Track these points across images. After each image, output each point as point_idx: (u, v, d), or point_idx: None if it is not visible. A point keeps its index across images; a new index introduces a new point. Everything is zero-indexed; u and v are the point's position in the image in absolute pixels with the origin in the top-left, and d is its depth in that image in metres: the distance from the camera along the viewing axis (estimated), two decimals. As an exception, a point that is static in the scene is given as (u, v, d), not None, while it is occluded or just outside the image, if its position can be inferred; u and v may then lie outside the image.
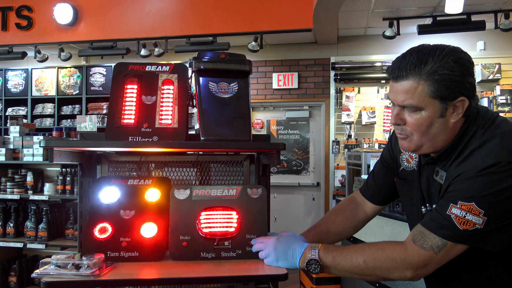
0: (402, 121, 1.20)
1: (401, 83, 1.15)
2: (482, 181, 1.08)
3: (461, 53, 1.14)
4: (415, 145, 1.20)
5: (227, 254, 1.48)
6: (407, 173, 1.37)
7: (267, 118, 6.13)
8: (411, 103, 1.14)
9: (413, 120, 1.17)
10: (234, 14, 5.11)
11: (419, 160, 1.32)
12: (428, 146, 1.20)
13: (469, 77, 1.14)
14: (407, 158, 1.37)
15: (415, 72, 1.13)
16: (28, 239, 3.95)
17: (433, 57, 1.12)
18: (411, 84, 1.14)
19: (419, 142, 1.19)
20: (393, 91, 1.18)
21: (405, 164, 1.38)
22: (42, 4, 5.63)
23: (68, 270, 1.28)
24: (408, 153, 1.36)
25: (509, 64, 5.34)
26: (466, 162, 1.14)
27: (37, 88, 6.58)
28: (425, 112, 1.15)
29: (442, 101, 1.13)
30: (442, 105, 1.14)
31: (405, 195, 1.41)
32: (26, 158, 4.09)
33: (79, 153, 1.65)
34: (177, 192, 1.53)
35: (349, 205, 1.61)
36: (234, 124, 1.54)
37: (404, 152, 1.38)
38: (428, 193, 1.27)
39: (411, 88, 1.14)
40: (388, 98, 1.24)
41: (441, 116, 1.16)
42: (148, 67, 1.62)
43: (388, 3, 4.64)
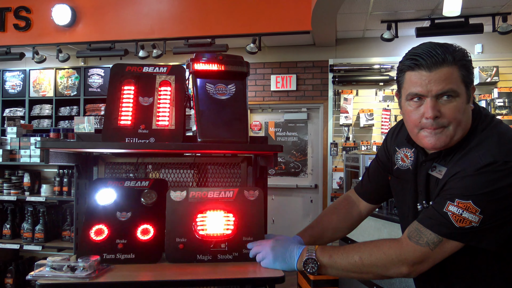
0: (439, 112, 1.15)
1: (438, 71, 1.13)
2: (480, 180, 1.09)
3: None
4: (450, 137, 1.16)
5: (224, 256, 1.47)
6: (401, 171, 1.37)
7: (265, 120, 6.13)
8: (452, 88, 1.13)
9: (451, 107, 1.14)
10: (232, 16, 5.11)
11: (415, 159, 1.32)
12: (458, 137, 1.17)
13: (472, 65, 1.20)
14: (402, 157, 1.36)
15: (450, 58, 1.13)
16: (25, 240, 3.93)
17: (454, 47, 1.16)
18: (448, 70, 1.13)
19: (453, 132, 1.16)
20: (426, 82, 1.14)
21: (400, 163, 1.37)
22: (40, 5, 5.62)
23: (64, 272, 1.27)
24: (403, 152, 1.36)
25: (506, 67, 5.36)
26: (464, 159, 1.15)
27: (35, 89, 6.56)
28: (459, 98, 1.14)
29: (466, 87, 1.16)
30: (467, 90, 1.16)
31: (398, 193, 1.41)
32: (23, 159, 4.08)
33: (75, 154, 1.64)
34: (173, 194, 1.52)
35: (344, 204, 1.61)
36: (232, 125, 1.54)
37: (400, 151, 1.38)
38: (426, 190, 1.26)
39: (449, 74, 1.13)
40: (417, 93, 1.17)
41: (467, 102, 1.17)
42: (145, 68, 1.61)
43: (386, 5, 4.65)
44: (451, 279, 1.24)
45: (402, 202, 1.38)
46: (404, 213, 1.37)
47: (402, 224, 1.43)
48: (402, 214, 1.41)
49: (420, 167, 1.29)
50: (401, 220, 1.45)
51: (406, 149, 1.36)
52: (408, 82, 1.19)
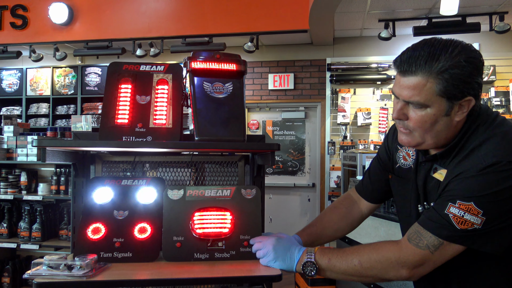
0: (404, 116, 1.16)
1: (409, 78, 1.11)
2: (482, 181, 1.06)
3: (473, 52, 1.11)
4: (416, 142, 1.18)
5: (221, 255, 1.47)
6: (403, 170, 1.35)
7: (263, 119, 6.13)
8: (418, 100, 1.11)
9: (417, 116, 1.13)
10: (230, 15, 5.10)
11: (416, 158, 1.30)
12: (430, 143, 1.18)
13: (478, 77, 1.11)
14: (404, 156, 1.35)
15: (425, 69, 1.09)
16: (22, 239, 3.92)
17: (445, 54, 1.08)
18: (419, 81, 1.10)
19: (421, 139, 1.17)
20: (399, 85, 1.15)
21: (402, 161, 1.35)
22: (37, 3, 5.60)
23: (61, 271, 1.27)
24: (405, 151, 1.35)
25: (503, 66, 5.37)
26: (467, 160, 1.12)
27: (32, 87, 6.54)
28: (431, 109, 1.12)
29: (449, 100, 1.11)
30: (448, 103, 1.11)
31: (399, 192, 1.40)
32: (20, 158, 4.07)
33: (72, 153, 1.64)
34: (170, 193, 1.52)
35: (345, 203, 1.59)
36: (229, 124, 1.54)
37: (401, 149, 1.36)
38: (425, 190, 1.25)
39: (419, 85, 1.10)
40: (393, 93, 1.20)
41: (446, 115, 1.13)
42: (142, 67, 1.61)
43: (384, 4, 4.66)
44: (451, 279, 1.23)
45: (403, 201, 1.36)
46: (405, 213, 1.35)
47: (403, 225, 1.41)
48: (403, 214, 1.38)
49: (419, 167, 1.27)
50: (401, 220, 1.43)
51: (408, 148, 1.34)
52: (394, 81, 1.21)
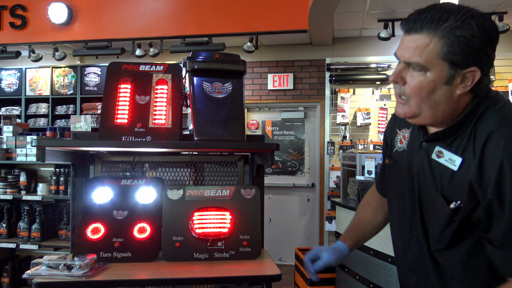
0: (402, 80, 1.07)
1: (412, 37, 1.03)
2: None
3: (488, 20, 1.01)
4: (412, 112, 1.08)
5: (221, 254, 1.47)
6: (398, 153, 1.26)
7: (262, 119, 6.13)
8: (417, 61, 1.02)
9: (414, 81, 1.04)
10: (229, 15, 5.10)
11: (410, 139, 1.22)
12: (427, 115, 1.07)
13: (489, 49, 1.02)
14: (401, 139, 1.26)
15: (431, 27, 1.00)
16: (21, 239, 3.92)
17: (455, 16, 0.99)
18: (423, 39, 1.01)
19: (417, 109, 1.07)
20: (402, 45, 1.06)
21: (399, 145, 1.26)
22: (37, 3, 5.60)
23: (60, 271, 1.27)
24: (402, 134, 1.26)
25: (502, 66, 5.37)
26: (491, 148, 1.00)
27: (31, 87, 6.54)
28: (430, 74, 1.02)
29: (451, 66, 1.01)
30: (450, 70, 1.02)
31: (393, 176, 1.30)
32: (19, 158, 4.06)
33: (72, 153, 1.64)
34: (170, 193, 1.52)
35: (374, 197, 1.52)
36: (228, 124, 1.54)
37: (400, 132, 1.27)
38: (423, 175, 1.13)
39: (422, 44, 1.01)
40: (395, 55, 1.11)
41: (447, 84, 1.03)
42: (142, 67, 1.61)
43: (383, 4, 4.66)
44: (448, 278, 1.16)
45: (397, 184, 1.26)
46: (400, 195, 1.24)
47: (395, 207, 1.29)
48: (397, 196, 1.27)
49: (419, 149, 1.16)
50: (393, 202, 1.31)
51: (405, 130, 1.26)
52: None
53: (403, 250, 1.24)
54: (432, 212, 1.11)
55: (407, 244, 1.21)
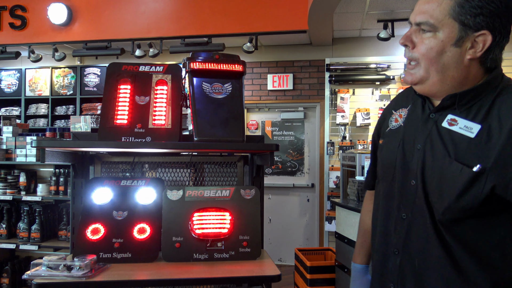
0: (411, 43, 1.06)
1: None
2: None
3: None
4: (420, 76, 1.06)
5: (220, 255, 1.47)
6: (392, 132, 1.23)
7: (262, 119, 6.13)
8: (427, 20, 1.02)
9: (423, 42, 1.03)
10: (229, 15, 5.11)
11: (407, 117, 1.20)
12: (435, 80, 1.05)
13: (503, 16, 0.99)
14: (396, 118, 1.23)
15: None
16: (21, 240, 3.92)
17: None
18: (441, 0, 1.01)
19: (426, 72, 1.05)
20: (415, 8, 1.06)
21: (393, 124, 1.23)
22: (36, 4, 5.60)
23: (60, 272, 1.27)
24: (398, 113, 1.23)
25: (503, 67, 5.36)
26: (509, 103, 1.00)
27: (31, 88, 6.54)
28: (440, 33, 1.01)
29: (462, 27, 1.00)
30: (460, 31, 1.00)
31: (383, 156, 1.25)
32: (19, 159, 4.06)
33: (71, 153, 1.64)
34: (170, 193, 1.52)
35: (370, 201, 1.45)
36: (228, 124, 1.54)
37: (395, 113, 1.24)
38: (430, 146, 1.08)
39: (435, 3, 1.02)
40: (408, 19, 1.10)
41: (456, 45, 1.01)
42: (141, 68, 1.61)
43: (383, 5, 4.66)
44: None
45: (387, 164, 1.22)
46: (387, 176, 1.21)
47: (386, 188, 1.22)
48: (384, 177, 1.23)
49: (425, 121, 1.12)
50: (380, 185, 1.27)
51: (401, 109, 1.23)
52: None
53: (387, 232, 1.17)
54: (440, 183, 1.04)
55: (393, 224, 1.15)
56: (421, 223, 1.08)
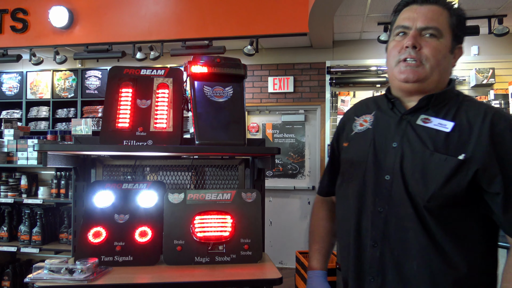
0: (419, 44, 1.17)
1: (427, 7, 1.18)
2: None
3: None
4: (425, 74, 1.18)
5: (222, 258, 1.48)
6: (360, 134, 1.31)
7: (263, 121, 6.14)
8: (436, 26, 1.17)
9: (432, 45, 1.17)
10: (230, 18, 5.12)
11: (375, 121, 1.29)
12: (434, 80, 1.19)
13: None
14: (361, 123, 1.32)
15: (443, 2, 1.19)
16: (22, 243, 3.92)
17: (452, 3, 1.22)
18: (438, 9, 1.18)
19: (430, 72, 1.18)
20: (413, 15, 1.19)
21: (359, 128, 1.32)
22: (38, 7, 5.62)
23: (62, 275, 1.27)
24: (363, 118, 1.33)
25: (503, 69, 5.38)
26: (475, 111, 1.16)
27: (32, 91, 6.55)
28: (443, 40, 1.18)
29: (454, 37, 1.20)
30: (452, 42, 1.20)
31: (351, 157, 1.31)
32: (20, 162, 4.07)
33: (73, 156, 1.64)
34: (171, 196, 1.52)
35: (322, 206, 1.51)
36: (229, 128, 1.55)
37: (359, 119, 1.34)
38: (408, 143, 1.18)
39: (438, 12, 1.18)
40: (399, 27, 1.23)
41: (451, 53, 1.21)
42: (143, 71, 1.62)
43: (383, 8, 4.67)
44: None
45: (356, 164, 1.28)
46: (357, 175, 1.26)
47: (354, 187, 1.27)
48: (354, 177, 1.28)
49: (398, 122, 1.23)
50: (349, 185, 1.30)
51: (365, 115, 1.33)
52: (399, 19, 1.24)
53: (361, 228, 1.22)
54: (424, 173, 1.13)
55: (369, 220, 1.20)
56: (399, 214, 1.16)
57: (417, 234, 1.13)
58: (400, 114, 1.24)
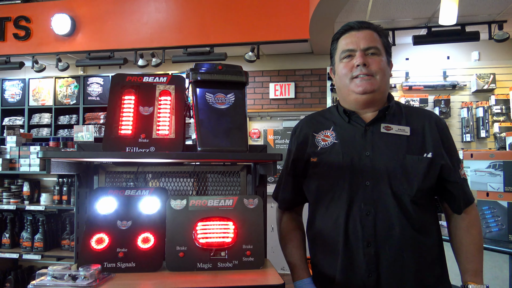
0: (367, 62, 1.38)
1: (364, 32, 1.42)
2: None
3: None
4: (377, 85, 1.38)
5: (224, 264, 1.48)
6: (327, 148, 1.45)
7: (264, 127, 6.15)
8: (376, 45, 1.40)
9: (376, 60, 1.39)
10: (231, 25, 5.15)
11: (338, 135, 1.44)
12: (382, 90, 1.40)
13: None
14: (323, 138, 1.47)
15: (373, 26, 1.44)
16: (24, 249, 3.93)
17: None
18: (373, 33, 1.42)
19: (380, 83, 1.39)
20: (354, 39, 1.41)
21: (322, 143, 1.46)
22: (40, 14, 5.66)
23: (65, 281, 1.28)
24: (323, 134, 1.47)
25: (503, 74, 5.39)
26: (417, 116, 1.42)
27: (34, 98, 6.58)
28: (382, 56, 1.41)
29: (386, 53, 1.44)
30: (387, 57, 1.44)
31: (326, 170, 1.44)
32: (22, 168, 4.08)
33: (76, 163, 1.65)
34: (173, 203, 1.53)
35: (290, 219, 1.70)
36: (231, 134, 1.56)
37: (318, 135, 1.48)
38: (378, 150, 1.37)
39: (374, 35, 1.42)
40: (345, 51, 1.45)
41: (388, 65, 1.44)
42: (145, 78, 1.63)
43: (384, 14, 4.70)
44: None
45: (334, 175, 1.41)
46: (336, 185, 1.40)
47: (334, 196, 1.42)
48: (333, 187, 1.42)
49: (363, 133, 1.40)
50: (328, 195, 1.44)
51: (325, 131, 1.48)
52: (341, 45, 1.46)
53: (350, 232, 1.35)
54: (405, 173, 1.33)
55: (358, 223, 1.34)
56: (386, 214, 1.33)
57: (403, 227, 1.32)
58: (363, 125, 1.41)
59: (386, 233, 1.32)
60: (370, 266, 1.32)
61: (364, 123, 1.41)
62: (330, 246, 1.42)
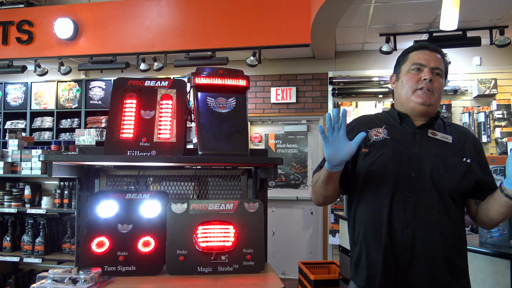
0: (432, 80, 1.55)
1: (435, 53, 1.59)
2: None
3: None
4: (434, 100, 1.57)
5: (224, 268, 1.48)
6: (379, 142, 1.59)
7: (265, 132, 6.15)
8: (441, 68, 1.58)
9: (438, 81, 1.57)
10: (233, 29, 5.17)
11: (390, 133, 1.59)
12: (435, 106, 1.59)
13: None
14: (375, 133, 1.62)
15: (442, 52, 1.62)
16: (25, 253, 3.93)
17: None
18: (440, 57, 1.60)
19: (436, 100, 1.58)
20: (427, 57, 1.58)
21: (375, 137, 1.61)
22: (43, 19, 5.69)
23: (65, 285, 1.28)
24: (376, 130, 1.62)
25: (505, 79, 5.39)
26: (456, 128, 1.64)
27: (36, 101, 6.60)
28: (442, 79, 1.59)
29: (445, 77, 1.62)
30: (444, 80, 1.62)
31: (379, 155, 1.55)
32: (24, 172, 4.09)
33: (78, 167, 1.66)
34: (174, 206, 1.53)
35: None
36: (232, 138, 1.56)
37: (371, 131, 1.63)
38: (426, 149, 1.54)
39: (440, 59, 1.60)
40: (416, 64, 1.61)
41: (443, 87, 1.62)
42: (147, 82, 1.64)
43: (385, 19, 4.71)
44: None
45: (382, 165, 1.53)
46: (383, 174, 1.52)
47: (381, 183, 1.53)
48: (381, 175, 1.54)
49: (413, 134, 1.58)
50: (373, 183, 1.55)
51: (377, 128, 1.63)
52: (413, 57, 1.61)
53: (394, 213, 1.48)
54: (446, 171, 1.50)
55: (402, 208, 1.48)
56: (426, 201, 1.48)
57: (440, 215, 1.48)
58: (413, 128, 1.59)
59: (424, 218, 1.46)
60: (407, 245, 1.46)
61: (414, 126, 1.59)
62: (376, 225, 1.53)
